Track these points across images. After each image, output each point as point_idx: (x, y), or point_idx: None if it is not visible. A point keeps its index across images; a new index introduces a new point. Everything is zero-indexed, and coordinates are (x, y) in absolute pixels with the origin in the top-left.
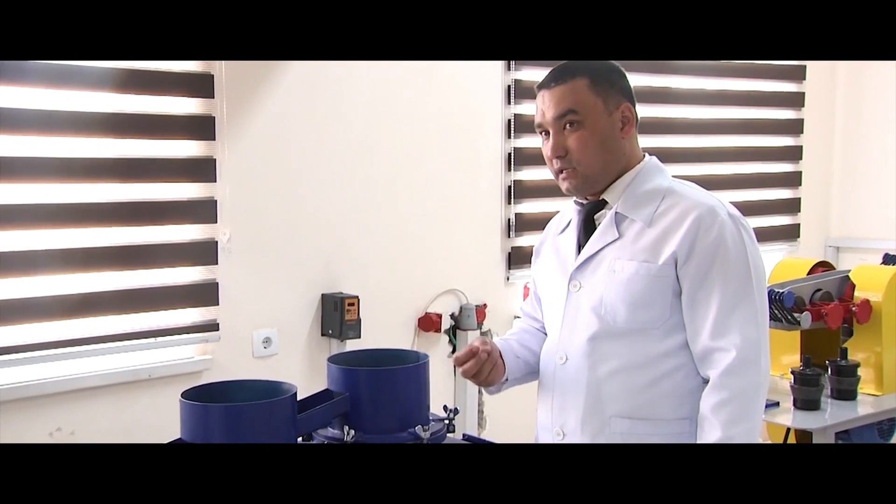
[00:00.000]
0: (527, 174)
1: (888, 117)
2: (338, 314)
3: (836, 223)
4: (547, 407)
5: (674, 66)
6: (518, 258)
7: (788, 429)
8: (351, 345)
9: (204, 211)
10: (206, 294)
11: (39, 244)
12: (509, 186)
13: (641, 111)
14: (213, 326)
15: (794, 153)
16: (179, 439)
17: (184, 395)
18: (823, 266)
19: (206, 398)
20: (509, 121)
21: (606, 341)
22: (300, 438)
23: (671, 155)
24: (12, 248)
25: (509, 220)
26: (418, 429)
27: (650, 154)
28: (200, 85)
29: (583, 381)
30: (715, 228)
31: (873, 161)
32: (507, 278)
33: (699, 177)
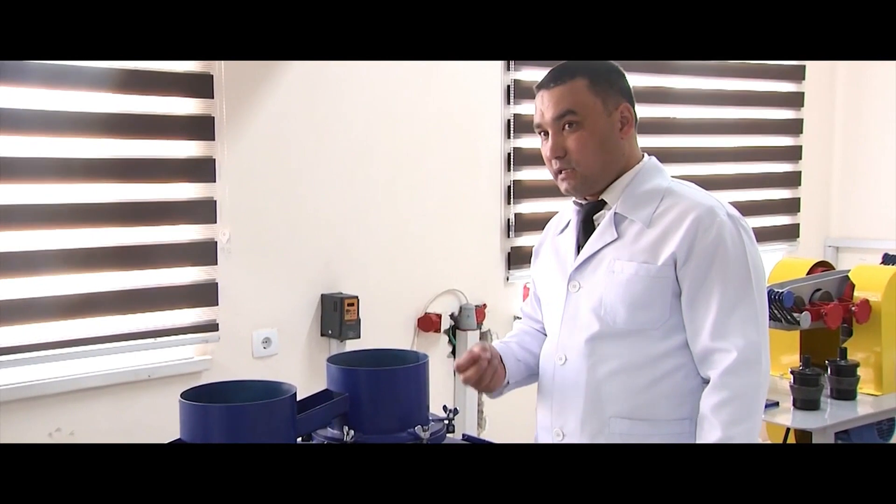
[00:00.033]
0: (526, 174)
1: (888, 117)
2: (337, 314)
3: (835, 223)
4: (546, 407)
5: (674, 66)
6: (518, 258)
7: (788, 429)
8: (351, 345)
9: (204, 211)
10: (205, 294)
11: (39, 244)
12: (509, 186)
13: (641, 111)
14: (212, 327)
15: (793, 153)
16: (179, 440)
17: (183, 395)
18: (823, 266)
19: (205, 398)
20: (509, 121)
21: (606, 342)
22: (300, 438)
23: (671, 155)
24: (12, 248)
25: (509, 220)
26: (418, 429)
27: (650, 154)
28: (200, 85)
29: (582, 381)
30: (714, 229)
31: (873, 161)
32: (507, 278)
33: (699, 177)
